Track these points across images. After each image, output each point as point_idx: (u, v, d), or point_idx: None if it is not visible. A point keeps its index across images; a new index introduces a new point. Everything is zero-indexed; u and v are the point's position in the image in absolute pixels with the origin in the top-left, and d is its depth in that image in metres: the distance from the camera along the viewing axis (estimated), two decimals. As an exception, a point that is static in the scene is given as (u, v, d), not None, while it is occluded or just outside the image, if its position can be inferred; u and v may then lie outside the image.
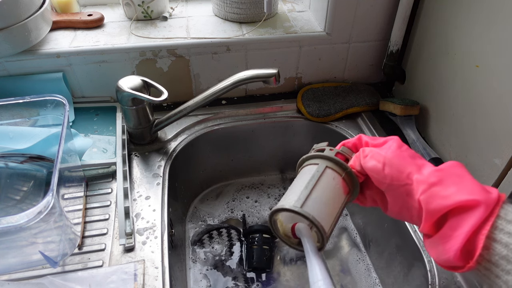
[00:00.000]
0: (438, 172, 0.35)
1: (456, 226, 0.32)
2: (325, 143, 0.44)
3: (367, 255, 0.76)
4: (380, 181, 0.37)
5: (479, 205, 0.31)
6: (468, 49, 0.60)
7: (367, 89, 0.83)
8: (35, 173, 0.60)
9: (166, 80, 0.76)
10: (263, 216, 0.83)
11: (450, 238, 0.32)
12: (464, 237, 0.31)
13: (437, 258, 0.34)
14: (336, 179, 0.40)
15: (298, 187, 0.39)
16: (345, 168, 0.40)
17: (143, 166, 0.67)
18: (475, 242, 0.31)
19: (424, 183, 0.34)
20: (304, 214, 0.36)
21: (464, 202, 0.32)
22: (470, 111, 0.61)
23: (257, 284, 0.72)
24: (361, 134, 0.43)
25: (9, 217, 0.40)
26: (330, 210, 0.38)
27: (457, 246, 0.31)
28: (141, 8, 0.76)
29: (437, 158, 0.67)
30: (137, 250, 0.54)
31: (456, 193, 0.32)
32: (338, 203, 0.39)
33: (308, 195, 0.38)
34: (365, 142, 0.42)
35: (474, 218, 0.31)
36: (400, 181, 0.36)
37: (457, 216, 0.32)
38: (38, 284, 0.48)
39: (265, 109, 0.81)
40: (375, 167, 0.37)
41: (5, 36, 0.62)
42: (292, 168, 0.91)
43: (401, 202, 0.37)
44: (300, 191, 0.38)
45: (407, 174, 0.36)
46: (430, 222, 0.34)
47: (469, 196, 0.32)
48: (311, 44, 0.77)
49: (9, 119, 0.57)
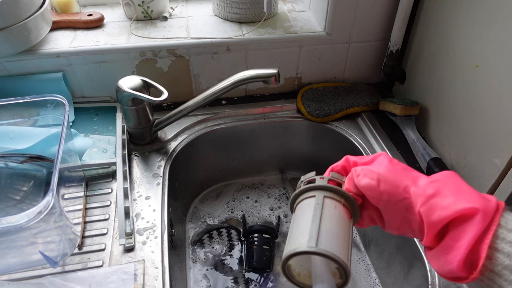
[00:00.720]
0: (434, 183, 0.34)
1: (457, 236, 0.32)
2: (312, 173, 0.41)
3: (367, 255, 0.76)
4: (377, 198, 0.36)
5: (477, 213, 0.31)
6: (468, 49, 0.60)
7: (367, 89, 0.83)
8: (35, 173, 0.60)
9: (166, 80, 0.76)
10: (263, 216, 0.83)
11: (452, 249, 0.32)
12: (467, 248, 0.31)
13: (439, 269, 0.34)
14: (338, 207, 0.38)
15: (303, 225, 0.36)
16: (342, 194, 0.38)
17: (143, 166, 0.67)
18: (478, 252, 0.31)
19: (422, 196, 0.34)
20: (323, 253, 0.33)
21: (464, 210, 0.31)
22: (470, 111, 0.61)
23: (257, 284, 0.72)
24: (347, 156, 0.42)
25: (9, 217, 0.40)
26: (343, 240, 0.36)
27: (459, 257, 0.31)
28: (141, 8, 0.76)
29: (437, 158, 0.67)
30: (137, 250, 0.54)
31: (455, 202, 0.32)
32: (347, 231, 0.37)
33: (319, 231, 0.34)
34: (354, 162, 0.41)
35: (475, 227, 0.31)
36: (398, 196, 0.35)
37: (458, 226, 0.32)
38: (38, 284, 0.48)
39: (265, 109, 0.81)
40: (370, 185, 0.36)
41: (5, 36, 0.62)
42: (292, 168, 0.91)
43: (401, 217, 0.36)
44: (308, 229, 0.35)
45: (404, 187, 0.35)
46: (432, 234, 0.33)
47: (468, 204, 0.31)
48: (311, 44, 0.77)
49: (9, 119, 0.57)
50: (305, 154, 0.87)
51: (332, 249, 0.33)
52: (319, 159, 0.85)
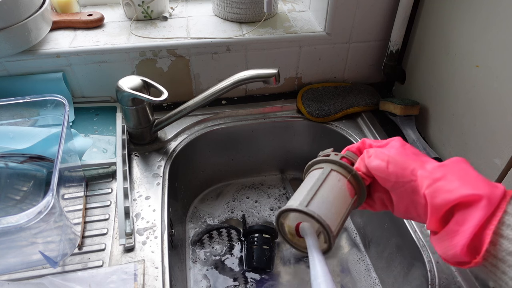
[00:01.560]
0: (442, 167, 0.35)
1: (462, 221, 0.32)
2: (330, 149, 0.45)
3: (367, 255, 0.76)
4: (385, 179, 0.38)
5: (482, 199, 0.31)
6: (468, 49, 0.60)
7: (367, 89, 0.83)
8: (35, 173, 0.60)
9: (166, 80, 0.76)
10: (263, 216, 0.83)
11: (456, 233, 0.32)
12: (471, 232, 0.31)
13: (443, 253, 0.34)
14: (342, 181, 0.40)
15: (304, 189, 0.40)
16: (350, 170, 0.40)
17: (143, 166, 0.67)
18: (482, 237, 0.31)
19: (428, 178, 0.35)
20: (309, 213, 0.37)
21: (468, 196, 0.32)
22: (470, 111, 0.61)
23: (257, 284, 0.72)
24: (364, 138, 0.44)
25: (9, 217, 0.40)
26: (336, 210, 0.39)
27: (463, 241, 0.31)
28: (141, 8, 0.76)
29: (437, 158, 0.67)
30: (137, 250, 0.54)
31: (460, 187, 0.33)
32: (344, 204, 0.40)
33: (314, 195, 0.38)
34: (369, 145, 0.43)
35: (479, 213, 0.31)
36: (405, 178, 0.36)
37: (463, 211, 0.32)
38: (38, 284, 0.48)
39: (265, 109, 0.81)
40: (380, 166, 0.38)
41: (5, 36, 0.62)
42: (292, 168, 0.91)
43: (407, 200, 0.37)
44: (306, 192, 0.39)
45: (411, 170, 0.36)
46: (436, 217, 0.34)
47: (472, 190, 0.32)
48: (311, 44, 0.77)
49: (9, 119, 0.57)
50: (305, 154, 0.87)
51: (320, 212, 0.37)
52: (319, 159, 0.85)
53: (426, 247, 0.57)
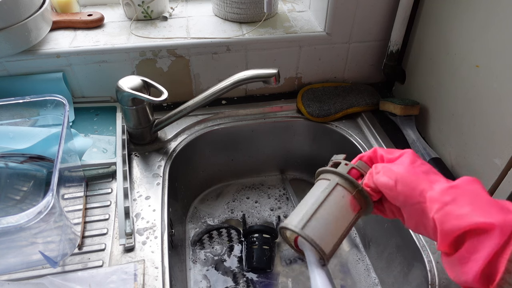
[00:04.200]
0: (452, 189, 0.34)
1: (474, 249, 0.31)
2: (342, 156, 0.44)
3: (366, 255, 0.76)
4: (393, 198, 0.37)
5: (494, 228, 0.30)
6: (468, 49, 0.60)
7: (367, 89, 0.83)
8: (35, 173, 0.60)
9: (166, 80, 0.76)
10: (263, 217, 0.83)
11: (468, 261, 0.31)
12: (484, 261, 0.30)
13: (455, 278, 0.33)
14: (346, 197, 0.39)
15: (305, 204, 0.40)
16: (356, 186, 0.39)
17: (143, 166, 0.67)
18: (496, 265, 0.30)
19: (438, 202, 0.33)
20: (304, 236, 0.37)
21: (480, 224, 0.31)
22: (470, 111, 0.61)
23: (257, 284, 0.72)
24: (376, 147, 0.42)
25: (9, 217, 0.40)
26: (335, 229, 0.38)
27: (476, 269, 0.30)
28: (141, 8, 0.76)
29: (437, 158, 0.67)
30: (137, 250, 0.54)
31: (471, 213, 0.31)
32: (344, 222, 0.39)
33: (312, 215, 0.38)
34: (380, 156, 0.41)
35: (492, 242, 0.30)
36: (413, 199, 0.35)
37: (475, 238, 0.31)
38: (38, 284, 0.48)
39: (265, 109, 0.81)
40: (388, 184, 0.36)
41: (5, 36, 0.62)
42: (292, 168, 0.91)
43: (416, 219, 0.36)
44: (305, 210, 0.39)
45: (420, 191, 0.35)
46: (447, 242, 0.33)
47: (484, 218, 0.31)
48: (311, 44, 0.77)
49: (9, 119, 0.57)
50: (305, 154, 0.87)
51: (315, 235, 0.37)
52: (319, 159, 0.85)
53: (426, 247, 0.57)
